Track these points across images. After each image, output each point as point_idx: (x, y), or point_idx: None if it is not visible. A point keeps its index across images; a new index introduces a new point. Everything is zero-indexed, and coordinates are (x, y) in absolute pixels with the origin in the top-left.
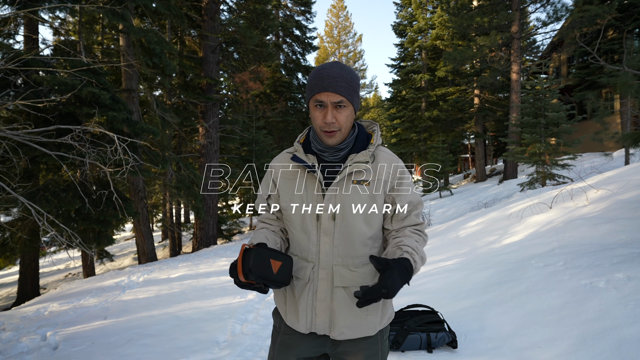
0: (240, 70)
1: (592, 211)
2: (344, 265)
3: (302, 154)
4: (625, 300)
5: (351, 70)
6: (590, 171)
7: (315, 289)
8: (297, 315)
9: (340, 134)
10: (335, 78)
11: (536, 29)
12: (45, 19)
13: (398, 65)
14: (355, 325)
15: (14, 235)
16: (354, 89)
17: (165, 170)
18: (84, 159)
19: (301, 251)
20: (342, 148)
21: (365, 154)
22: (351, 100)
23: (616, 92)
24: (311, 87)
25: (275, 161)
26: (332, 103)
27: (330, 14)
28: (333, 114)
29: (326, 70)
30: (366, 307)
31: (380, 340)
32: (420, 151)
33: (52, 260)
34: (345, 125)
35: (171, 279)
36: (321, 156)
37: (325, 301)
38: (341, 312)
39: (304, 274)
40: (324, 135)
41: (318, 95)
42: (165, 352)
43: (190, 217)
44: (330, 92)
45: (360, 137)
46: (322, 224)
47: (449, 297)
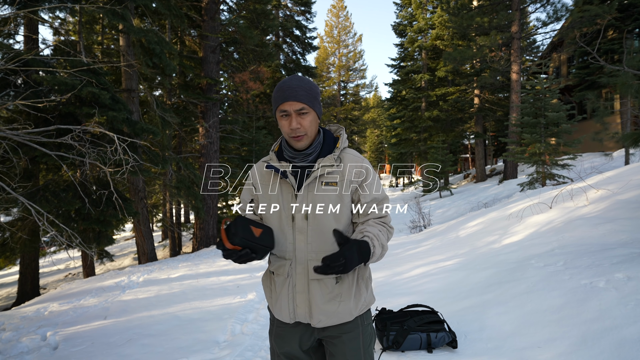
0: (240, 70)
1: (592, 211)
2: (318, 260)
3: (276, 161)
4: (625, 300)
5: (309, 80)
6: (590, 171)
7: (294, 283)
8: (280, 308)
9: (307, 138)
10: (294, 89)
11: (536, 29)
12: (45, 19)
13: (398, 65)
14: (331, 313)
15: (14, 235)
16: (313, 96)
17: (165, 170)
18: (84, 159)
19: (279, 250)
20: (310, 153)
21: (331, 158)
22: (312, 106)
23: (616, 92)
24: (275, 100)
25: (253, 170)
26: (295, 111)
27: (330, 14)
28: (297, 120)
29: (286, 83)
30: (340, 295)
31: (360, 325)
32: (420, 151)
33: (52, 260)
34: (310, 129)
35: (171, 279)
36: (292, 162)
37: (304, 293)
38: (317, 302)
39: (283, 271)
40: (293, 140)
41: (282, 105)
42: (165, 352)
43: (190, 217)
44: (292, 101)
45: (327, 141)
46: (297, 224)
47: (449, 297)
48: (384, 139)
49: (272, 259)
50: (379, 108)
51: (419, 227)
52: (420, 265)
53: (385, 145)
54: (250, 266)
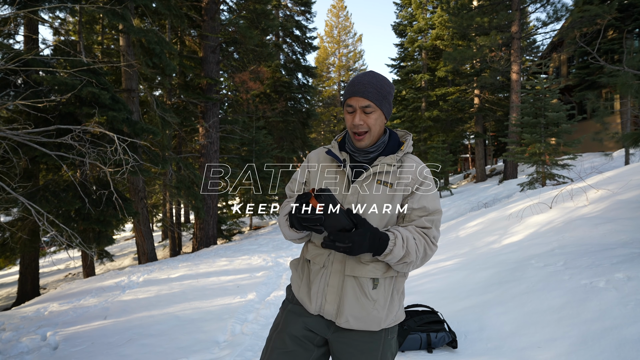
0: (240, 70)
1: (592, 211)
2: (356, 258)
3: (337, 150)
4: (625, 300)
5: (383, 78)
6: (590, 171)
7: (328, 276)
8: (309, 297)
9: (369, 137)
10: (364, 84)
11: (536, 29)
12: (45, 19)
13: (398, 65)
14: (361, 317)
15: (14, 235)
16: (383, 95)
17: (165, 170)
18: (84, 159)
19: (320, 239)
20: (372, 151)
21: (393, 157)
22: (379, 105)
23: (616, 92)
24: (345, 93)
25: (312, 153)
26: (360, 107)
27: (330, 14)
28: (361, 117)
29: (358, 78)
30: (374, 301)
31: (383, 338)
32: (420, 151)
33: (52, 260)
34: (374, 128)
35: (171, 279)
36: (353, 156)
37: (336, 288)
38: (349, 301)
39: (320, 260)
40: (354, 137)
41: (349, 100)
42: (165, 352)
43: (190, 217)
44: (359, 96)
45: (391, 143)
46: None
47: (449, 297)
48: None
49: (311, 247)
50: None
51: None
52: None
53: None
54: (250, 266)
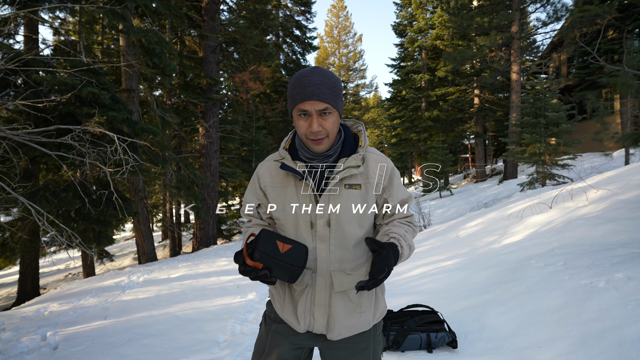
0: (240, 70)
1: (592, 211)
2: (341, 270)
3: (291, 161)
4: (625, 300)
5: (332, 74)
6: (590, 171)
7: (314, 295)
8: (295, 318)
9: (328, 140)
10: (317, 85)
11: (536, 29)
12: (45, 19)
13: (398, 65)
14: (352, 325)
15: (14, 235)
16: (337, 93)
17: (165, 170)
18: (84, 159)
19: None
20: (331, 154)
21: (356, 158)
22: (335, 106)
23: (616, 92)
24: (293, 97)
25: (262, 169)
26: (317, 111)
27: (330, 14)
28: (319, 122)
29: (307, 78)
30: (360, 306)
31: (372, 335)
32: (420, 151)
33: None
34: (332, 131)
35: (171, 279)
36: (310, 164)
37: (324, 306)
38: (339, 316)
39: (301, 281)
40: (311, 143)
41: (301, 104)
42: (165, 352)
43: (190, 217)
44: (314, 100)
45: (347, 139)
46: (317, 231)
47: (449, 297)
48: (384, 139)
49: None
50: (379, 108)
51: (419, 227)
52: (420, 265)
53: (385, 145)
54: None
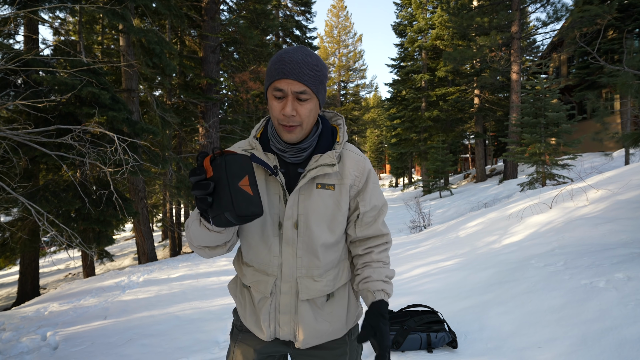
0: (240, 70)
1: (592, 211)
2: (309, 276)
3: (262, 153)
4: (625, 300)
5: (318, 58)
6: (590, 171)
7: (278, 303)
8: (259, 326)
9: (301, 130)
10: (298, 64)
11: (536, 29)
12: (45, 19)
13: (398, 65)
14: (323, 334)
15: (14, 235)
16: (320, 79)
17: (165, 170)
18: (84, 159)
19: (260, 263)
20: (306, 148)
21: (332, 155)
22: (316, 91)
23: (616, 92)
24: (270, 73)
25: None
26: (294, 93)
27: (330, 14)
28: (294, 106)
29: (289, 55)
30: (332, 314)
31: (348, 340)
32: (420, 151)
33: (52, 260)
34: (308, 120)
35: (171, 279)
36: (281, 156)
37: (290, 314)
38: (306, 324)
39: (265, 289)
40: (282, 129)
41: (277, 82)
42: (165, 352)
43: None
44: (292, 79)
45: (324, 133)
46: (285, 234)
47: (449, 297)
48: (384, 139)
49: (247, 271)
50: (379, 108)
51: (419, 227)
52: (420, 266)
53: (385, 145)
54: None
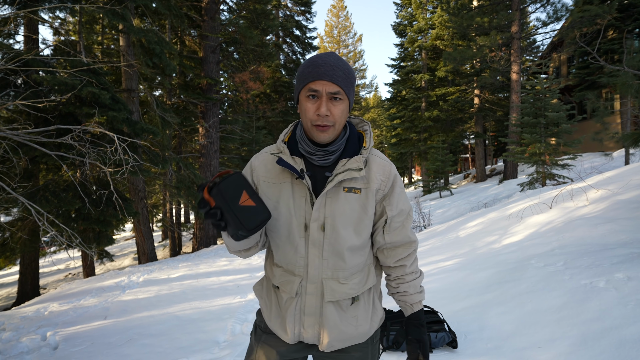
0: (240, 70)
1: (592, 211)
2: (334, 278)
3: (289, 156)
4: (625, 300)
5: (347, 63)
6: (590, 171)
7: (304, 304)
8: (283, 328)
9: (334, 130)
10: (332, 66)
11: (536, 29)
12: (45, 19)
13: (398, 65)
14: (347, 337)
15: (14, 235)
16: (350, 82)
17: (165, 170)
18: (84, 159)
19: (287, 264)
20: (334, 151)
21: (359, 160)
22: (348, 93)
23: (616, 92)
24: (304, 76)
25: (256, 161)
26: (328, 93)
27: (330, 14)
28: (328, 106)
29: (322, 59)
30: (356, 318)
31: (370, 345)
32: (420, 151)
33: (52, 260)
34: (340, 121)
35: (171, 279)
36: (309, 159)
37: (314, 316)
38: (331, 327)
39: (291, 289)
40: (315, 130)
41: (312, 84)
42: (165, 352)
43: (190, 217)
44: (327, 80)
45: (351, 138)
46: (311, 235)
47: (449, 297)
48: (384, 139)
49: (277, 271)
50: (379, 108)
51: (419, 227)
52: (420, 265)
53: (385, 145)
54: (250, 266)
